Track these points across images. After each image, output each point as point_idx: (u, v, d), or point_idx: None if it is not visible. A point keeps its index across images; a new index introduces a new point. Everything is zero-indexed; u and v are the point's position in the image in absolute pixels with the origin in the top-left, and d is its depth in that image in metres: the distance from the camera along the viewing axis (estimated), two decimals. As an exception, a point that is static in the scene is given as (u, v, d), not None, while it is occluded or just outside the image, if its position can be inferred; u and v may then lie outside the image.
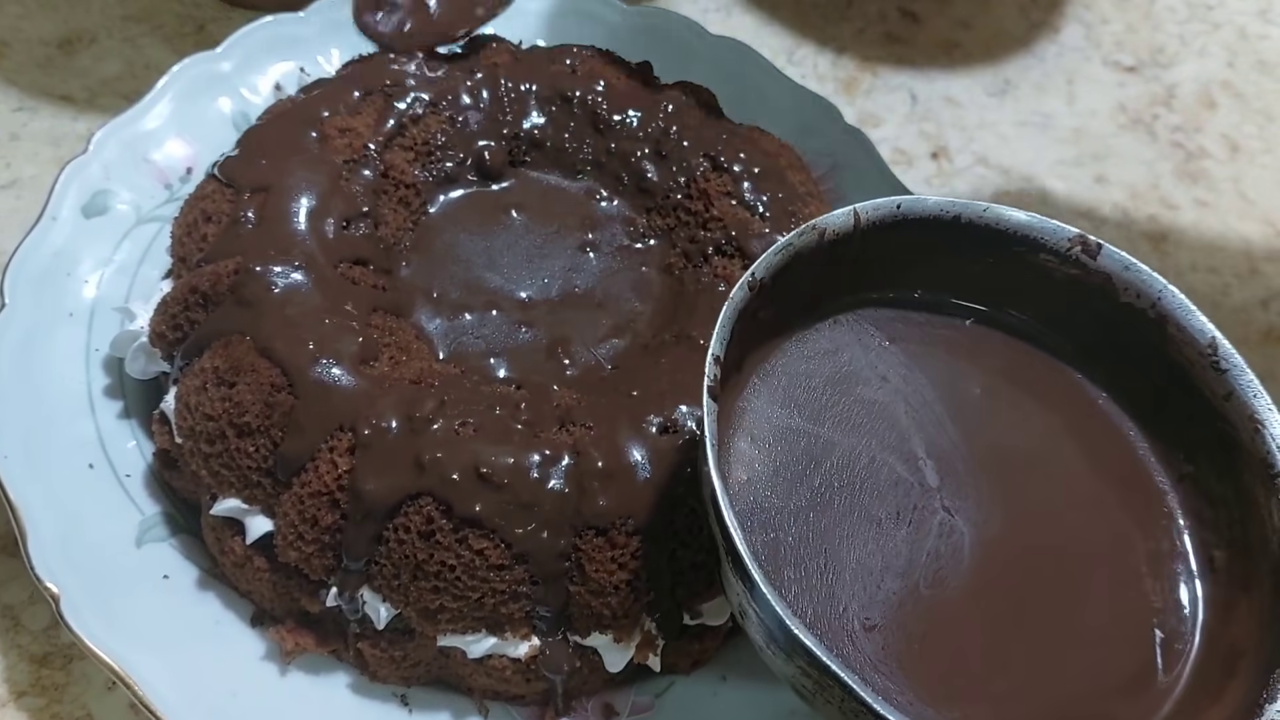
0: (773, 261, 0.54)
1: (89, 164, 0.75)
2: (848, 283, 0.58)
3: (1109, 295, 0.58)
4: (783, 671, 0.50)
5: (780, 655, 0.49)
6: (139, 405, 0.70)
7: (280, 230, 0.65)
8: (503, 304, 0.70)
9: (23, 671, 0.66)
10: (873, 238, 0.56)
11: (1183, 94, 1.11)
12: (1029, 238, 0.58)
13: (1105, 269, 0.57)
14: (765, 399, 0.56)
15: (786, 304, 0.55)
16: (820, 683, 0.47)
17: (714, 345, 0.51)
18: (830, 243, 0.55)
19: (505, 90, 0.76)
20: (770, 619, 0.47)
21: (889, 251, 0.57)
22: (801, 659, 0.47)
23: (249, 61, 0.83)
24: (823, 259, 0.55)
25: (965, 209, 0.58)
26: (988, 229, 0.58)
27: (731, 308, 0.52)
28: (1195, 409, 0.57)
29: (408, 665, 0.63)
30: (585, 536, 0.58)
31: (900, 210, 0.57)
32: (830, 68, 1.06)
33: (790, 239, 0.54)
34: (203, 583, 0.65)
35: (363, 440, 0.58)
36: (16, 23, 0.94)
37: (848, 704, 0.46)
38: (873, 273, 0.58)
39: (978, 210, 0.58)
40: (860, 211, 0.56)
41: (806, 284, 0.56)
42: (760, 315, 0.54)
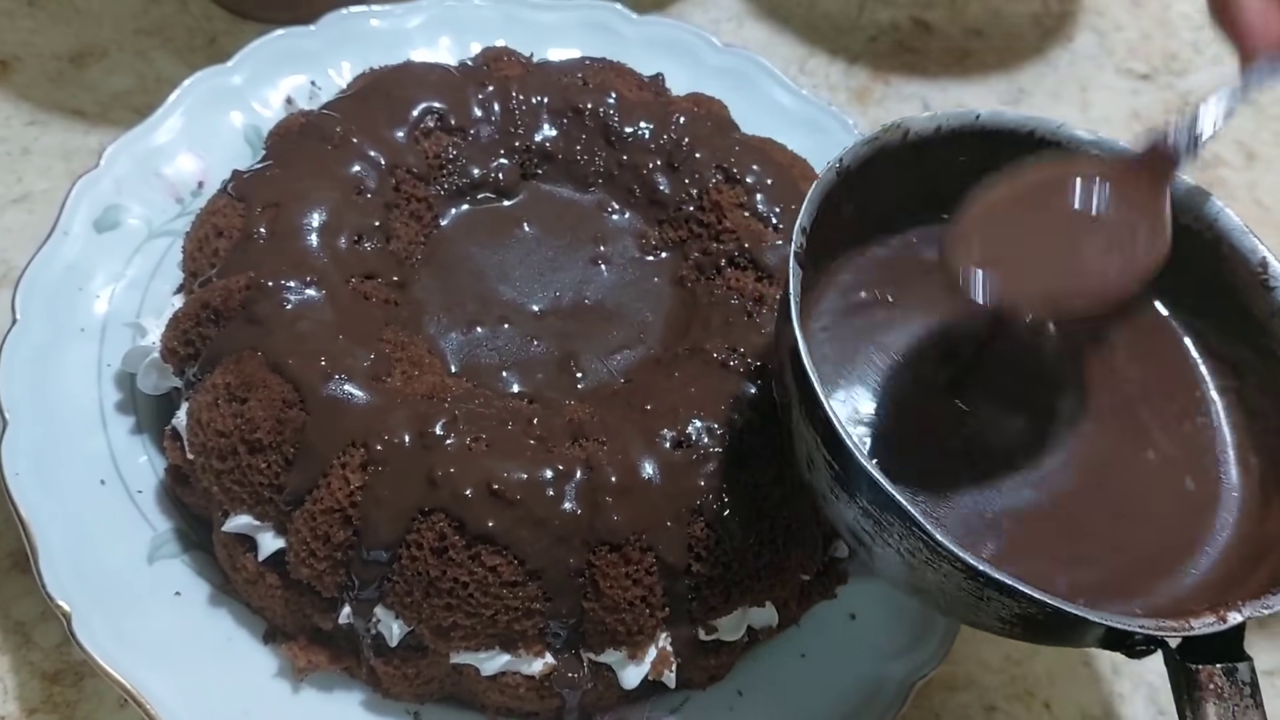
0: (859, 151, 0.57)
1: (100, 178, 0.75)
2: (918, 198, 0.60)
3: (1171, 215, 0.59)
4: (843, 517, 0.52)
5: (844, 498, 0.51)
6: (151, 421, 0.70)
7: (292, 245, 0.65)
8: (514, 318, 0.69)
9: (34, 689, 0.66)
10: (950, 147, 0.59)
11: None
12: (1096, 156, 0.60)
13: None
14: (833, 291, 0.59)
15: (865, 203, 0.58)
16: (881, 521, 0.49)
17: (802, 216, 0.54)
18: (911, 144, 0.58)
19: (516, 103, 0.76)
20: (840, 460, 0.50)
21: (960, 167, 0.59)
22: (866, 497, 0.49)
23: (260, 75, 0.83)
24: (901, 161, 0.58)
25: (1040, 124, 0.61)
26: (1059, 146, 0.60)
27: (820, 187, 0.55)
28: (1244, 327, 0.60)
29: (421, 682, 0.62)
30: (599, 552, 0.58)
31: (979, 120, 0.60)
32: (842, 77, 1.06)
33: (876, 133, 0.58)
34: (215, 599, 0.65)
35: (375, 456, 0.58)
36: (28, 37, 0.94)
37: (907, 540, 0.48)
38: (941, 190, 0.60)
39: (1051, 126, 0.61)
40: (942, 116, 0.59)
41: (884, 187, 0.58)
42: (843, 211, 0.57)
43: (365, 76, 0.78)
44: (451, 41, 0.88)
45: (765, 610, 0.64)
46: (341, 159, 0.70)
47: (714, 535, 0.60)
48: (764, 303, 0.68)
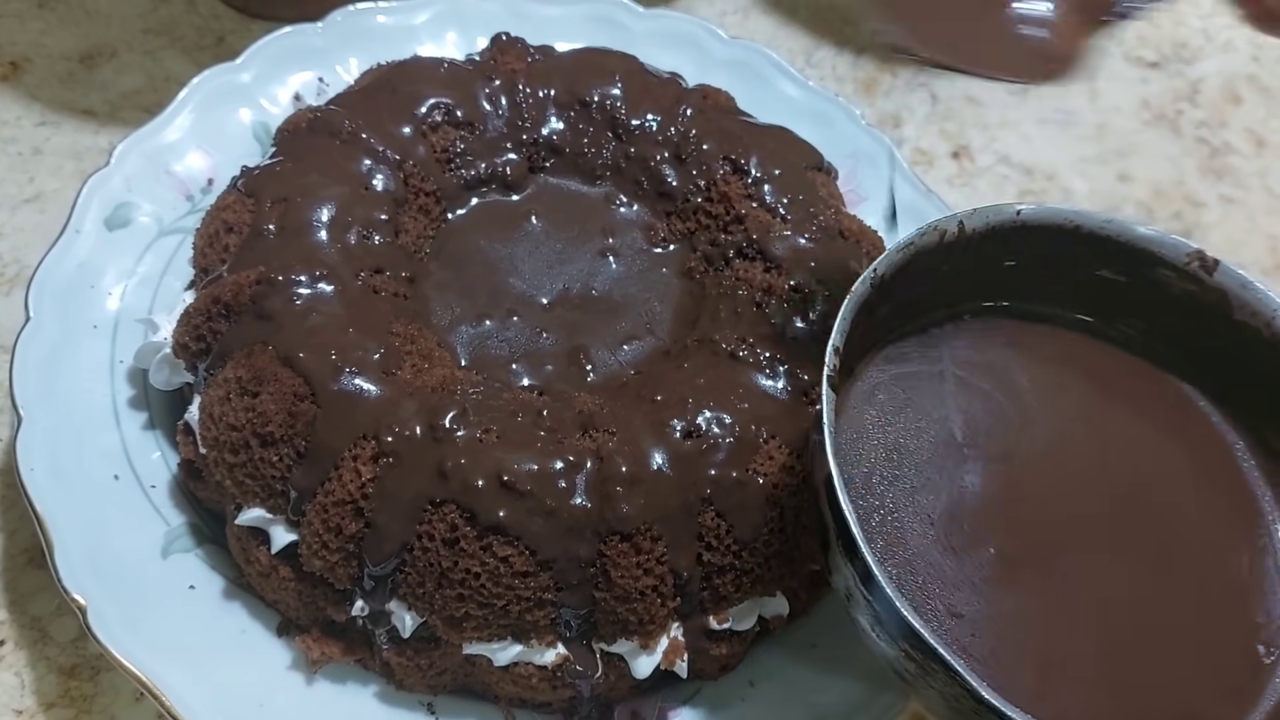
0: (894, 259, 0.55)
1: (111, 177, 0.76)
2: (959, 289, 0.58)
3: (1223, 312, 0.58)
4: (885, 654, 0.51)
5: (885, 639, 0.50)
6: (163, 416, 0.70)
7: (302, 240, 0.65)
8: (523, 310, 0.70)
9: (51, 683, 0.66)
10: (990, 242, 0.57)
11: (1207, 89, 1.10)
12: (1147, 251, 0.58)
13: (1221, 285, 0.57)
14: (864, 396, 0.57)
15: (901, 305, 0.56)
16: (925, 667, 0.48)
17: (835, 336, 0.53)
18: (949, 244, 0.56)
19: (523, 96, 0.76)
20: (882, 605, 0.48)
21: (1002, 258, 0.58)
22: (908, 643, 0.48)
23: (268, 72, 0.83)
24: (939, 260, 0.56)
25: (1086, 219, 0.58)
26: (1107, 240, 0.58)
27: (853, 300, 0.53)
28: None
29: (434, 673, 0.62)
30: (610, 542, 0.58)
31: (1020, 216, 0.57)
32: (849, 68, 1.06)
33: (912, 237, 0.55)
34: (228, 592, 0.65)
35: (386, 448, 0.58)
36: (38, 38, 0.95)
37: (950, 688, 0.47)
38: (984, 280, 0.58)
39: (1098, 221, 0.58)
40: (981, 214, 0.57)
41: (921, 286, 0.57)
42: (877, 314, 0.55)
43: (373, 72, 0.78)
44: (458, 36, 0.88)
45: (776, 600, 0.64)
46: (350, 154, 0.70)
47: (724, 525, 0.60)
48: (773, 293, 0.68)
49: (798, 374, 0.64)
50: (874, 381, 0.57)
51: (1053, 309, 0.60)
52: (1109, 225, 0.58)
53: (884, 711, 0.64)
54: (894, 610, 0.47)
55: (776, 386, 0.63)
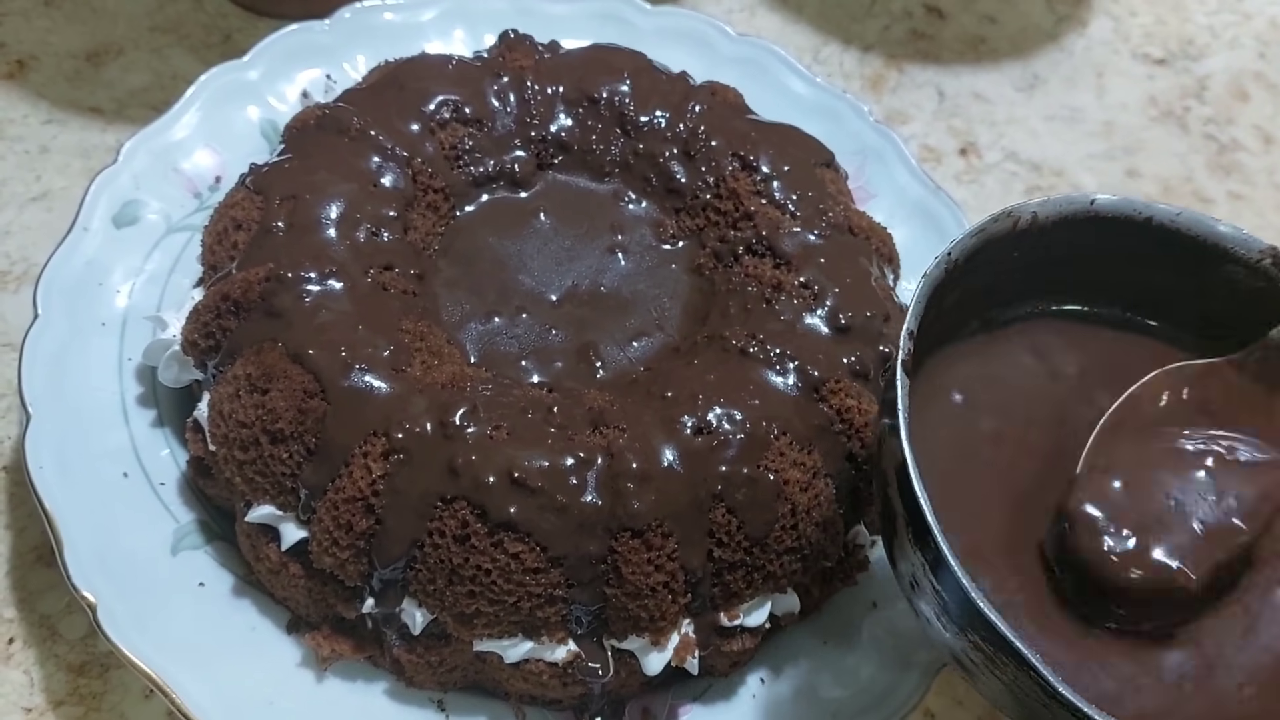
0: (967, 244, 0.54)
1: (119, 174, 0.76)
2: (1026, 283, 0.58)
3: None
4: (950, 644, 0.50)
5: (952, 629, 0.49)
6: (172, 413, 0.70)
7: (310, 237, 0.65)
8: (532, 307, 0.70)
9: (60, 681, 0.66)
10: (1060, 231, 0.56)
11: (1214, 86, 1.10)
12: (1219, 246, 0.57)
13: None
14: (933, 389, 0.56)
15: (970, 295, 0.56)
16: (994, 658, 0.47)
17: (909, 320, 0.52)
18: (1020, 232, 0.56)
19: (532, 93, 0.76)
20: (952, 595, 0.48)
21: (1071, 250, 0.57)
22: (978, 634, 0.47)
23: (275, 70, 0.83)
24: (1010, 249, 0.56)
25: (1158, 211, 0.57)
26: (1178, 233, 0.57)
27: (927, 283, 0.53)
28: None
29: (444, 670, 0.62)
30: (621, 539, 0.58)
31: (1094, 206, 0.57)
32: (856, 65, 1.06)
33: (984, 223, 0.55)
34: (238, 590, 0.65)
35: (396, 445, 0.58)
36: (45, 36, 0.95)
37: (1021, 680, 0.46)
38: (1052, 274, 0.58)
39: (1170, 214, 0.57)
40: (1055, 203, 0.56)
41: (990, 275, 0.56)
42: (947, 300, 0.55)
43: (380, 69, 0.78)
44: (465, 33, 0.88)
45: (787, 596, 0.64)
46: (358, 151, 0.70)
47: (735, 521, 0.60)
48: (782, 289, 0.67)
49: (808, 370, 0.64)
50: (943, 374, 0.57)
51: (1117, 310, 0.60)
52: (1180, 218, 0.57)
53: (896, 709, 0.64)
54: (966, 600, 0.46)
55: (787, 383, 0.63)
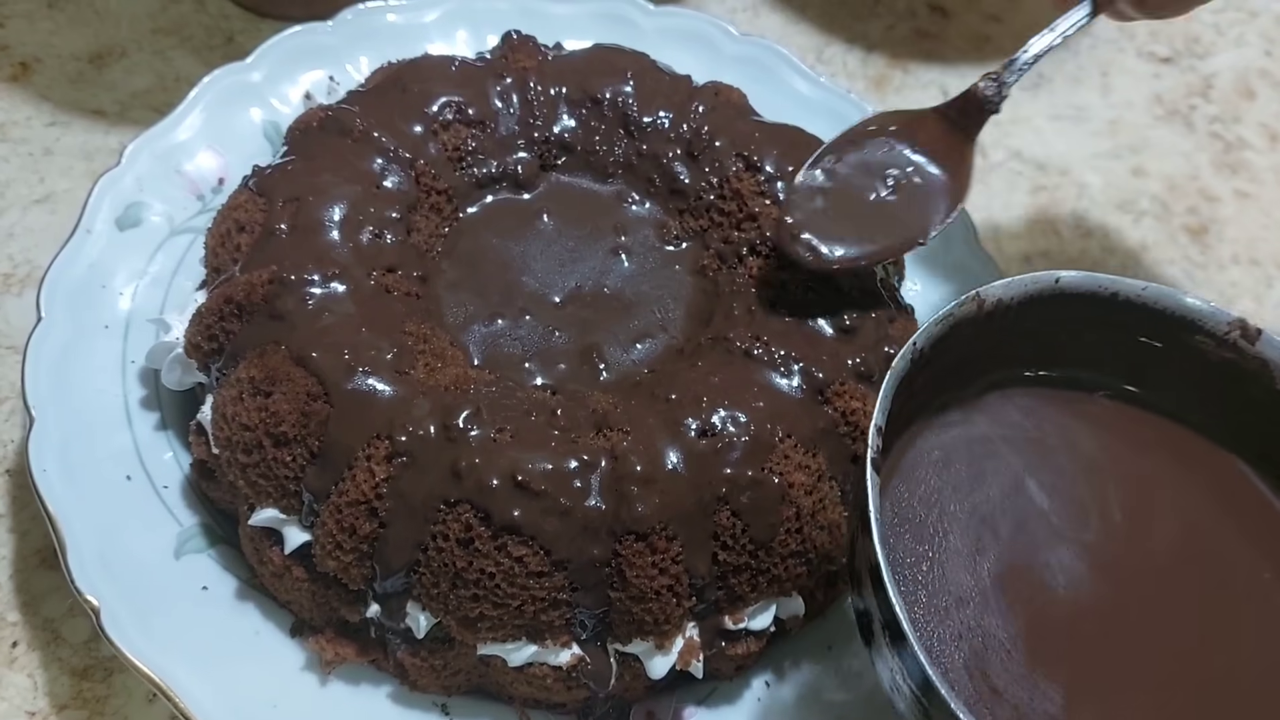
0: (933, 331, 0.54)
1: (122, 177, 0.76)
2: (997, 355, 0.58)
3: (1265, 380, 0.57)
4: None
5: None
6: (175, 416, 0.70)
7: (314, 240, 0.65)
8: (536, 309, 0.69)
9: (64, 685, 0.66)
10: (1028, 309, 0.57)
11: (1220, 84, 1.09)
12: (1186, 319, 0.58)
13: (1263, 355, 0.57)
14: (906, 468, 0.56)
15: (940, 373, 0.56)
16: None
17: (876, 416, 0.52)
18: (987, 314, 0.56)
19: (535, 94, 0.76)
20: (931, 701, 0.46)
21: (1041, 325, 0.58)
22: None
23: (278, 71, 0.83)
24: (978, 329, 0.56)
25: (1124, 287, 0.58)
26: (1145, 308, 0.58)
27: (894, 377, 0.53)
28: None
29: (448, 674, 0.62)
30: (625, 542, 0.58)
31: (1059, 284, 0.57)
32: (860, 65, 1.06)
33: (951, 308, 0.55)
34: (242, 593, 0.65)
35: (400, 448, 0.58)
36: (47, 38, 0.95)
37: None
38: (1022, 346, 0.58)
39: (1136, 289, 0.58)
40: (1019, 284, 0.57)
41: (960, 353, 0.56)
42: (916, 384, 0.54)
43: (383, 70, 0.78)
44: (468, 34, 0.88)
45: (792, 600, 0.63)
46: (361, 153, 0.70)
47: (740, 524, 0.59)
48: (787, 291, 0.67)
49: (812, 372, 0.63)
50: (916, 453, 0.56)
51: (1094, 375, 0.60)
52: (1146, 292, 0.58)
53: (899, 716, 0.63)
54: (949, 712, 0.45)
55: (791, 385, 0.63)
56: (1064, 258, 0.94)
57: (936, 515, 0.54)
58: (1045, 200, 0.98)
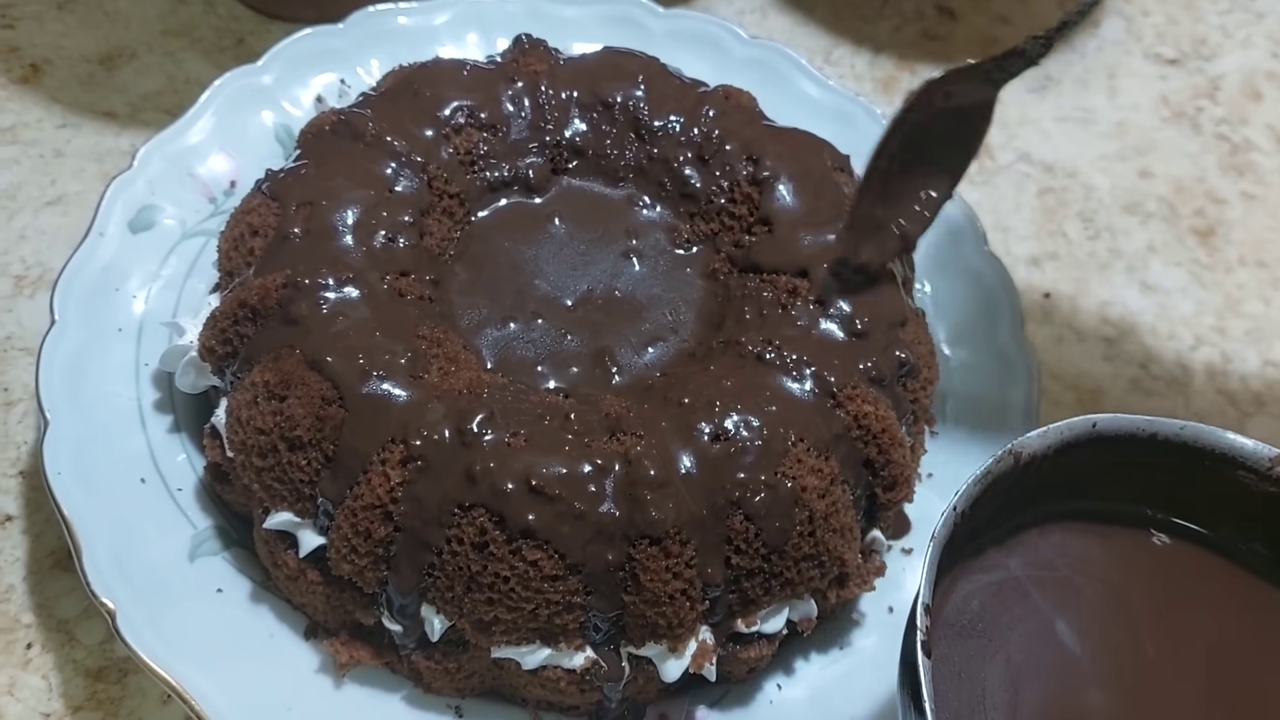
0: (972, 492, 0.54)
1: (134, 179, 0.76)
2: (1037, 495, 0.57)
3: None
4: None
5: None
6: (188, 419, 0.70)
7: (328, 244, 0.65)
8: (548, 312, 0.70)
9: (78, 686, 0.66)
10: (1065, 453, 0.56)
11: (1227, 86, 1.09)
12: (1226, 455, 0.57)
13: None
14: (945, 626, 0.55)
15: (978, 525, 0.55)
16: None
17: (923, 593, 0.50)
18: (1024, 466, 0.55)
19: (546, 98, 0.76)
20: None
21: (1079, 465, 0.57)
22: None
23: (290, 74, 0.83)
24: (1015, 480, 0.55)
25: (1162, 427, 0.57)
26: (1184, 446, 0.57)
27: (936, 547, 0.51)
28: None
29: (462, 677, 0.62)
30: (639, 546, 0.58)
31: (1096, 429, 0.57)
32: (868, 67, 1.06)
33: (989, 466, 0.54)
34: (256, 596, 0.65)
35: (414, 452, 0.58)
36: (58, 40, 0.95)
37: None
38: (1059, 486, 0.57)
39: (1174, 428, 0.57)
40: (1056, 431, 0.56)
41: (998, 504, 0.56)
42: (955, 542, 0.54)
43: (395, 74, 0.78)
44: (479, 37, 0.88)
45: (804, 603, 0.64)
46: (374, 157, 0.70)
47: (753, 528, 0.60)
48: (797, 294, 0.67)
49: (824, 376, 0.63)
50: (954, 607, 0.55)
51: (1132, 508, 0.59)
52: (1184, 431, 0.57)
53: (912, 714, 0.64)
54: None
55: (804, 389, 0.63)
56: (1071, 260, 0.95)
57: (976, 667, 0.53)
58: (1053, 202, 0.99)
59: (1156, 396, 0.88)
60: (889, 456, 0.65)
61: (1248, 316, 0.93)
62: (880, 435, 0.64)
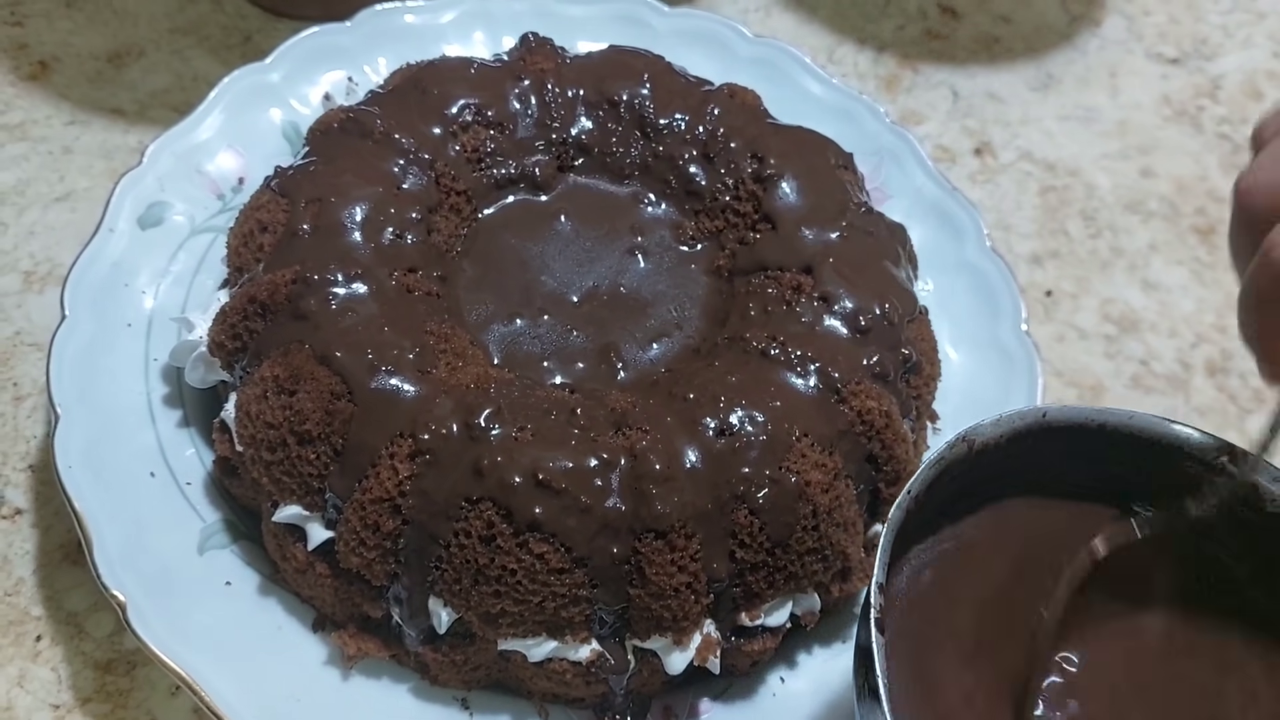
0: (927, 475, 0.55)
1: (144, 176, 0.76)
2: (990, 484, 0.59)
3: (1254, 503, 0.58)
4: None
5: None
6: (198, 414, 0.71)
7: (336, 240, 0.66)
8: (554, 309, 0.70)
9: (87, 678, 0.67)
10: (1018, 442, 0.58)
11: (1228, 85, 1.10)
12: (1175, 446, 0.58)
13: (1252, 479, 0.57)
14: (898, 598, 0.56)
15: (933, 508, 0.57)
16: None
17: (877, 573, 0.52)
18: (977, 453, 0.57)
19: (552, 96, 0.76)
20: None
21: (1031, 453, 0.58)
22: None
23: (298, 72, 0.84)
24: (969, 466, 0.57)
25: (1110, 417, 0.58)
26: (1133, 437, 0.58)
27: (891, 530, 0.53)
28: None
29: (469, 669, 0.63)
30: (644, 540, 0.59)
31: (1046, 419, 0.58)
32: (871, 66, 1.06)
33: (941, 452, 0.55)
34: (264, 589, 0.66)
35: (422, 446, 0.59)
36: (66, 38, 0.96)
37: None
38: (1012, 471, 0.59)
39: (1123, 418, 0.58)
40: (1007, 421, 0.57)
41: (953, 489, 0.57)
42: (909, 527, 0.55)
43: (402, 72, 0.79)
44: (485, 36, 0.89)
45: (808, 597, 0.64)
46: (382, 154, 0.71)
47: (757, 523, 0.60)
48: (802, 291, 0.68)
49: (829, 372, 0.64)
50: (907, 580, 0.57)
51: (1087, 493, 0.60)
52: (1133, 421, 0.58)
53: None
54: None
55: (808, 385, 0.64)
56: (1073, 258, 0.95)
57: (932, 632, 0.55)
58: (1054, 201, 0.99)
59: (1157, 394, 0.88)
60: (892, 452, 0.65)
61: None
62: (883, 431, 0.64)
